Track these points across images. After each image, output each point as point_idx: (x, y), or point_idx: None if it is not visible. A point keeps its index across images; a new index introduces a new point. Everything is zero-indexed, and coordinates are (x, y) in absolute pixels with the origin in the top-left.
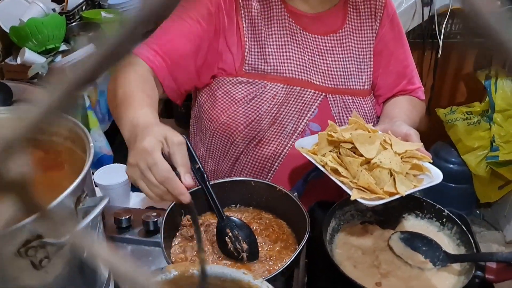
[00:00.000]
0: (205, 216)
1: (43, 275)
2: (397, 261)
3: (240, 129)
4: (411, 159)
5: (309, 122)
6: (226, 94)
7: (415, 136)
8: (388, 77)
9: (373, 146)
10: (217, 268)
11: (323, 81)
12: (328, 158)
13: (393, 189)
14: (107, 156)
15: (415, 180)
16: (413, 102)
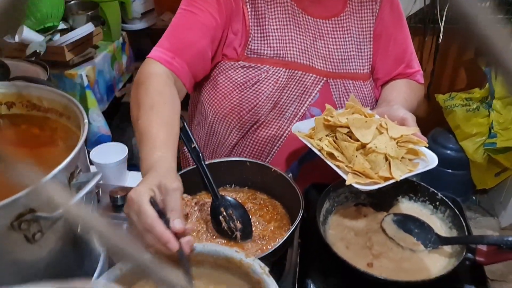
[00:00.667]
0: (200, 195)
1: (36, 249)
2: (389, 242)
3: (242, 114)
4: (407, 144)
5: (310, 106)
6: (228, 79)
7: (411, 120)
8: (387, 61)
9: (369, 130)
10: (210, 246)
11: (324, 65)
12: (324, 143)
13: (388, 174)
14: (105, 136)
15: (410, 165)
16: (411, 86)
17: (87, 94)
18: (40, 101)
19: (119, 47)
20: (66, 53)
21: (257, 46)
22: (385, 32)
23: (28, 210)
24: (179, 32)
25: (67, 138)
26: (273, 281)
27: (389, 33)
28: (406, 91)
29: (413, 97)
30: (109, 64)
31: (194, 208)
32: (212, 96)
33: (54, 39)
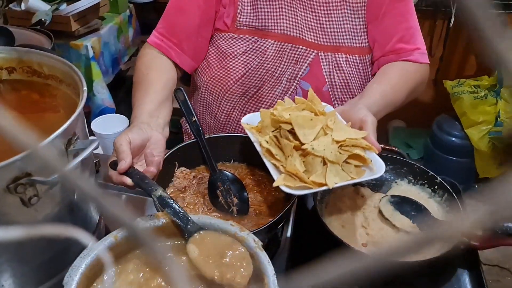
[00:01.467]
0: (199, 169)
1: (32, 213)
2: (385, 223)
3: (229, 84)
4: (353, 148)
5: (301, 80)
6: (218, 49)
7: (370, 124)
8: (379, 33)
9: (313, 130)
10: (205, 218)
11: (315, 37)
12: (265, 138)
13: (323, 179)
14: (109, 109)
15: (355, 172)
16: (403, 72)
17: (92, 65)
18: (41, 67)
19: (125, 20)
20: (72, 23)
21: (246, 18)
22: (379, 4)
23: (24, 174)
24: (171, 15)
25: (66, 105)
26: (266, 256)
27: (383, 4)
28: (390, 83)
29: (403, 85)
30: (115, 37)
31: (192, 182)
32: (203, 67)
33: (60, 8)
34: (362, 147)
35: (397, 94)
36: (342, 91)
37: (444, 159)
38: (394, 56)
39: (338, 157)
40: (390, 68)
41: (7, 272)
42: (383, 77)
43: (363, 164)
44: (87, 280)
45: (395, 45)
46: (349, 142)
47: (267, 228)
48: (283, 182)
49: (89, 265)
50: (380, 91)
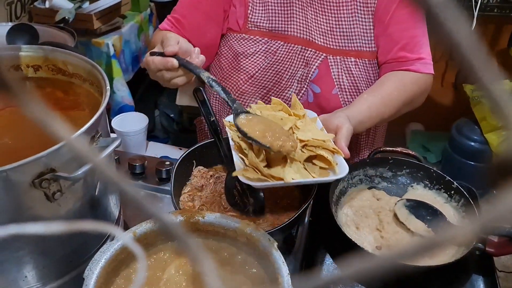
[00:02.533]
0: (216, 168)
1: (55, 208)
2: (400, 227)
3: (240, 82)
4: (317, 149)
5: (311, 83)
6: (230, 49)
7: (344, 131)
8: (384, 40)
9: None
10: (222, 217)
11: (325, 41)
12: (237, 133)
13: (282, 174)
14: (129, 106)
15: (318, 172)
16: (400, 83)
17: (112, 63)
18: (65, 66)
19: (146, 18)
20: (94, 21)
21: (258, 19)
22: (387, 9)
23: (49, 170)
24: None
25: (89, 103)
26: (281, 256)
27: (390, 10)
28: (381, 94)
29: (397, 97)
30: (135, 35)
31: (209, 180)
32: (216, 66)
33: (83, 6)
34: (329, 150)
35: (388, 106)
36: (351, 94)
37: (463, 163)
38: (395, 64)
39: (299, 155)
40: (386, 79)
41: (30, 264)
42: (377, 87)
43: (329, 167)
44: (106, 274)
45: (398, 53)
46: (314, 142)
47: (282, 228)
48: (242, 173)
49: (108, 259)
50: (368, 101)
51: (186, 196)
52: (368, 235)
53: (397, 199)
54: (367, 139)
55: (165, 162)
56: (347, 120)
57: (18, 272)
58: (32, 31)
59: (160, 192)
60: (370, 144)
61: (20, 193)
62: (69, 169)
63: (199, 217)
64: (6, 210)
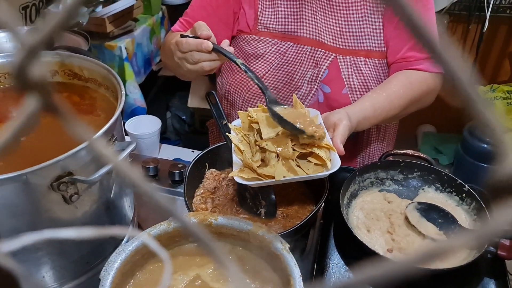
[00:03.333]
0: (228, 170)
1: (72, 210)
2: (411, 230)
3: (250, 84)
4: (310, 147)
5: (321, 83)
6: (240, 50)
7: (341, 128)
8: (393, 40)
9: (275, 129)
10: (234, 220)
11: (334, 41)
12: (238, 137)
13: (273, 172)
14: (141, 108)
15: (312, 169)
16: (407, 82)
17: (125, 66)
18: (81, 71)
19: (158, 21)
20: (107, 25)
21: (267, 20)
22: None
23: (66, 173)
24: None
25: (104, 108)
26: (293, 258)
27: None
28: (387, 92)
29: (402, 95)
30: (147, 38)
31: (221, 183)
32: (226, 66)
33: (96, 10)
34: (323, 147)
35: (393, 103)
36: (361, 93)
37: (475, 165)
38: (404, 63)
39: (291, 153)
40: (394, 77)
41: (48, 265)
42: (383, 86)
43: (323, 164)
44: (121, 274)
45: (406, 53)
46: (305, 141)
47: (294, 230)
48: (237, 174)
49: (124, 260)
50: (372, 98)
51: (199, 198)
52: (379, 238)
53: (408, 202)
54: (376, 144)
55: (178, 165)
56: (346, 117)
57: (36, 272)
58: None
59: (173, 194)
60: (380, 149)
61: (39, 196)
62: (86, 172)
63: (212, 219)
64: (25, 212)
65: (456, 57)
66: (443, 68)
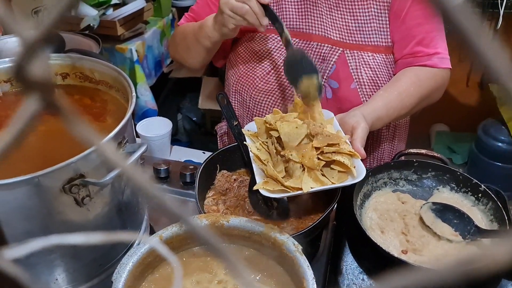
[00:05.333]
0: (240, 172)
1: (84, 212)
2: (426, 231)
3: (256, 80)
4: (335, 155)
5: (329, 78)
6: (246, 48)
7: (360, 130)
8: (400, 35)
9: (297, 137)
10: (246, 221)
11: (340, 36)
12: (255, 145)
13: (300, 184)
14: (152, 110)
15: (337, 177)
16: (416, 79)
17: (136, 68)
18: (92, 73)
19: (168, 23)
20: (118, 28)
21: None
22: (402, 4)
23: (78, 175)
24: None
25: (116, 110)
26: (306, 260)
27: (405, 5)
28: (398, 90)
29: (413, 93)
30: (158, 40)
31: (233, 184)
32: (233, 64)
33: (107, 13)
34: (345, 153)
35: (404, 102)
36: (370, 88)
37: (490, 164)
38: (412, 59)
39: (316, 163)
40: (402, 74)
41: (61, 267)
42: (393, 83)
43: (347, 171)
44: (134, 277)
45: (414, 48)
46: (328, 149)
47: (306, 232)
48: (262, 186)
49: (136, 263)
50: (384, 98)
51: (210, 200)
52: (394, 239)
53: (422, 202)
54: (387, 144)
55: (189, 166)
56: (363, 119)
57: (50, 274)
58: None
59: (184, 196)
60: (390, 149)
61: (51, 198)
62: (98, 174)
63: (224, 221)
64: (37, 215)
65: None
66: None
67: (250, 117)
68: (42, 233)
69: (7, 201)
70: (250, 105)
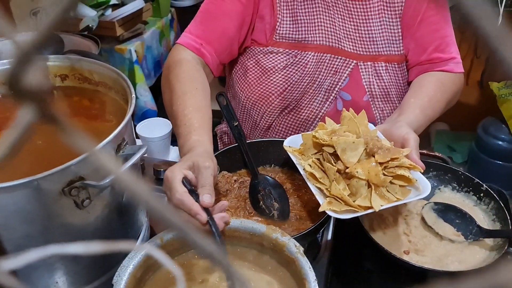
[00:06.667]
0: (240, 173)
1: (85, 215)
2: (428, 231)
3: (271, 99)
4: (397, 169)
5: (341, 90)
6: (257, 64)
7: (413, 142)
8: (415, 42)
9: (355, 152)
10: (247, 222)
11: (354, 47)
12: (308, 162)
13: (368, 202)
14: (152, 111)
15: (400, 192)
16: (440, 84)
17: (135, 69)
18: (91, 75)
19: (167, 24)
20: (117, 28)
21: (286, 30)
22: (416, 11)
23: (78, 178)
24: (208, 19)
25: (115, 111)
26: (307, 262)
27: (418, 12)
28: (428, 95)
29: (440, 98)
30: (157, 40)
31: (233, 185)
32: (243, 82)
33: (106, 14)
34: (406, 167)
35: (435, 107)
36: (382, 100)
37: (490, 163)
38: (429, 65)
39: (382, 179)
40: (425, 80)
41: (61, 270)
42: (420, 90)
43: (408, 184)
44: (135, 280)
45: (431, 55)
46: (393, 164)
47: (307, 233)
48: (329, 207)
49: (137, 265)
50: (419, 105)
51: None
52: (396, 240)
53: (424, 202)
54: None
55: None
56: (411, 130)
57: (50, 278)
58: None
59: None
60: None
61: (50, 201)
62: (97, 177)
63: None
64: (37, 218)
65: None
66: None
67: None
68: (42, 237)
69: (7, 205)
70: (263, 120)
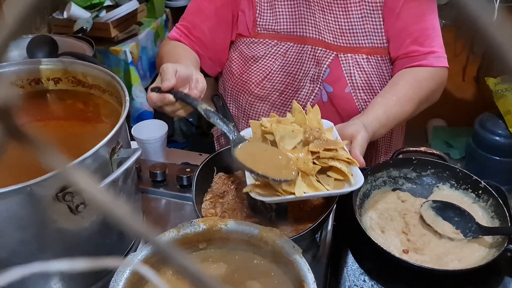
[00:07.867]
0: (237, 174)
1: (79, 220)
2: (427, 229)
3: (252, 87)
4: (331, 161)
5: (323, 82)
6: (240, 54)
7: (359, 139)
8: (394, 33)
9: (293, 141)
10: (245, 224)
11: (334, 38)
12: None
13: (293, 188)
14: (148, 112)
15: (332, 185)
16: (414, 81)
17: (130, 70)
18: (85, 77)
19: (162, 24)
20: (111, 30)
21: (266, 21)
22: (394, 2)
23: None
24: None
25: (109, 114)
26: (306, 263)
27: (398, 3)
28: (397, 95)
29: (412, 96)
30: (152, 41)
31: (230, 187)
32: (228, 72)
33: (100, 15)
34: (342, 160)
35: (404, 106)
36: (365, 92)
37: (487, 158)
38: (407, 59)
39: (311, 168)
40: (400, 77)
41: (57, 276)
42: (390, 88)
43: (344, 178)
44: (131, 285)
45: (409, 47)
46: (325, 154)
47: (306, 233)
48: (252, 188)
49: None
50: (383, 105)
51: (208, 203)
52: (394, 239)
53: (422, 200)
54: (383, 141)
55: (185, 169)
56: (363, 128)
57: (45, 284)
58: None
59: (182, 199)
60: (387, 146)
61: (44, 207)
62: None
63: (222, 225)
64: (31, 224)
65: None
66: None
67: (247, 122)
68: (36, 242)
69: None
70: (247, 110)
